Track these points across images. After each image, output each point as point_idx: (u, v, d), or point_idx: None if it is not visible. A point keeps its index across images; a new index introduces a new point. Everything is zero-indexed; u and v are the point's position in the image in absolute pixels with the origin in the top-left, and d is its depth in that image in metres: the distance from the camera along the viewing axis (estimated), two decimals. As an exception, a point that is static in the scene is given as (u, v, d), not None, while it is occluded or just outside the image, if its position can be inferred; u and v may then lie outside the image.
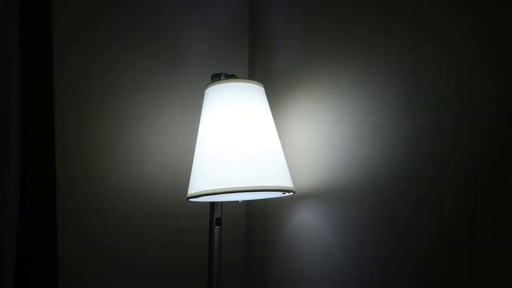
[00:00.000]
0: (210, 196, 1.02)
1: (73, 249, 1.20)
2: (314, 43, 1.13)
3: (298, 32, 1.20)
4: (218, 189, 0.97)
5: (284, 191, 1.02)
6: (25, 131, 1.16)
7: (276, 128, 1.14)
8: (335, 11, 1.06)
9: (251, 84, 1.09)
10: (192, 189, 1.03)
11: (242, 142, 1.01)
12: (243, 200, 1.18)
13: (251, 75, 1.43)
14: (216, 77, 1.12)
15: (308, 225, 1.10)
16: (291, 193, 1.05)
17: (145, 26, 1.32)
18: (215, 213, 1.12)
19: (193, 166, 1.07)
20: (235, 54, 1.44)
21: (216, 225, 1.12)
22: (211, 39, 1.40)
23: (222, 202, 1.13)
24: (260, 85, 1.12)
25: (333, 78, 1.05)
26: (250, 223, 1.39)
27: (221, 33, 1.42)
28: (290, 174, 1.12)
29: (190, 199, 1.04)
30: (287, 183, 1.03)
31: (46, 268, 1.15)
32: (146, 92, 1.31)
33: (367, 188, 0.94)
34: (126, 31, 1.30)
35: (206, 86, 1.11)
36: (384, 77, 0.91)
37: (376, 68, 0.93)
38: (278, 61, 1.28)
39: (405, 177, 0.85)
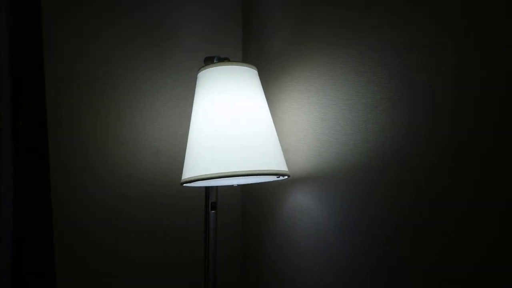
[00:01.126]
0: (204, 181, 1.01)
1: (68, 235, 1.20)
2: (309, 24, 1.11)
3: (293, 14, 1.18)
4: (211, 174, 0.97)
5: (278, 175, 1.01)
6: (17, 116, 1.14)
7: (270, 111, 1.13)
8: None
9: (244, 67, 1.08)
10: (186, 174, 1.03)
11: (236, 126, 1.00)
12: (238, 185, 1.18)
13: (245, 58, 1.41)
14: (209, 60, 1.11)
15: (304, 208, 1.10)
16: (286, 177, 1.05)
17: (137, 9, 1.30)
18: (210, 197, 1.12)
19: (186, 151, 1.06)
20: (228, 37, 1.42)
21: (211, 210, 1.12)
22: (204, 21, 1.38)
23: (217, 187, 1.13)
24: (254, 68, 1.10)
25: (327, 60, 1.04)
26: (246, 207, 1.39)
27: (214, 15, 1.40)
28: (285, 157, 1.11)
29: (184, 184, 1.04)
30: (282, 166, 1.03)
31: (42, 253, 1.15)
32: (138, 76, 1.29)
33: (362, 170, 0.93)
34: (116, 15, 1.28)
35: (198, 70, 1.09)
36: (377, 58, 0.90)
37: (370, 49, 0.92)
38: (272, 43, 1.27)
39: (399, 158, 0.85)
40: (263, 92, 1.11)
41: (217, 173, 0.96)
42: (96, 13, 1.26)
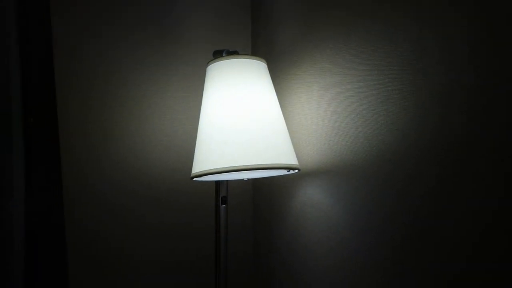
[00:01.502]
0: (214, 175, 1.01)
1: (78, 233, 1.20)
2: (317, 16, 1.10)
3: (301, 6, 1.17)
4: (221, 168, 0.96)
5: (288, 168, 1.01)
6: (28, 113, 1.15)
7: (280, 105, 1.12)
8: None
9: (253, 60, 1.07)
10: (196, 168, 1.03)
11: (245, 120, 0.99)
12: (248, 179, 1.17)
13: (255, 51, 1.40)
14: (218, 54, 1.10)
15: (315, 202, 1.09)
16: (296, 171, 1.04)
17: (146, 3, 1.30)
18: (221, 191, 1.12)
19: (196, 145, 1.06)
20: (238, 30, 1.41)
21: (222, 204, 1.11)
22: (213, 15, 1.37)
23: (227, 181, 1.12)
24: (263, 61, 1.09)
25: (337, 52, 1.02)
26: (257, 201, 1.38)
27: (223, 9, 1.39)
28: (295, 150, 1.11)
29: (194, 179, 1.03)
30: (292, 160, 1.02)
31: (55, 249, 1.15)
32: (148, 71, 1.29)
33: (373, 163, 0.92)
34: (126, 9, 1.28)
35: (207, 63, 1.09)
36: (388, 49, 0.88)
37: (380, 40, 0.90)
38: (281, 36, 1.25)
39: (411, 152, 0.83)
40: (272, 85, 1.10)
41: (226, 167, 0.96)
42: (107, 11, 1.25)
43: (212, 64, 1.07)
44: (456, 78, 0.75)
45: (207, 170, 0.98)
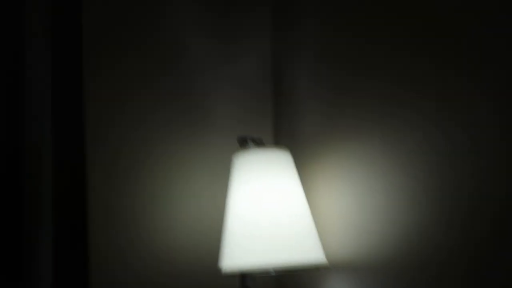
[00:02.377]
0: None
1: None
2: (342, 104, 1.11)
3: (325, 93, 1.18)
4: (249, 266, 0.99)
5: (317, 268, 1.01)
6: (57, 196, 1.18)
7: (305, 194, 1.13)
8: (364, 68, 1.04)
9: (278, 151, 1.11)
10: (225, 262, 1.05)
11: (272, 215, 1.03)
12: (275, 272, 1.17)
13: (277, 137, 1.40)
14: (243, 141, 1.15)
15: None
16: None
17: (175, 86, 1.33)
18: (245, 282, 1.12)
19: (224, 237, 1.08)
20: (260, 115, 1.42)
21: (247, 295, 1.11)
22: (236, 101, 1.40)
23: (252, 272, 1.13)
24: (287, 152, 1.13)
25: (361, 142, 1.04)
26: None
27: (245, 94, 1.41)
28: (321, 242, 1.10)
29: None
30: (320, 257, 1.02)
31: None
32: (174, 156, 1.31)
33: (402, 262, 0.91)
34: (153, 89, 1.30)
35: (234, 154, 1.13)
36: (413, 142, 0.90)
37: (405, 132, 0.92)
38: (304, 124, 1.26)
39: (443, 251, 0.83)
40: (297, 176, 1.12)
41: (255, 266, 0.99)
42: (136, 90, 1.29)
43: (238, 155, 1.11)
44: (485, 167, 0.75)
45: (237, 267, 1.02)
